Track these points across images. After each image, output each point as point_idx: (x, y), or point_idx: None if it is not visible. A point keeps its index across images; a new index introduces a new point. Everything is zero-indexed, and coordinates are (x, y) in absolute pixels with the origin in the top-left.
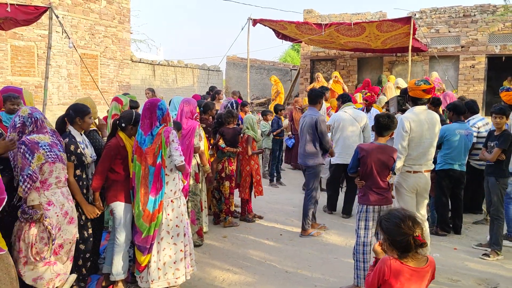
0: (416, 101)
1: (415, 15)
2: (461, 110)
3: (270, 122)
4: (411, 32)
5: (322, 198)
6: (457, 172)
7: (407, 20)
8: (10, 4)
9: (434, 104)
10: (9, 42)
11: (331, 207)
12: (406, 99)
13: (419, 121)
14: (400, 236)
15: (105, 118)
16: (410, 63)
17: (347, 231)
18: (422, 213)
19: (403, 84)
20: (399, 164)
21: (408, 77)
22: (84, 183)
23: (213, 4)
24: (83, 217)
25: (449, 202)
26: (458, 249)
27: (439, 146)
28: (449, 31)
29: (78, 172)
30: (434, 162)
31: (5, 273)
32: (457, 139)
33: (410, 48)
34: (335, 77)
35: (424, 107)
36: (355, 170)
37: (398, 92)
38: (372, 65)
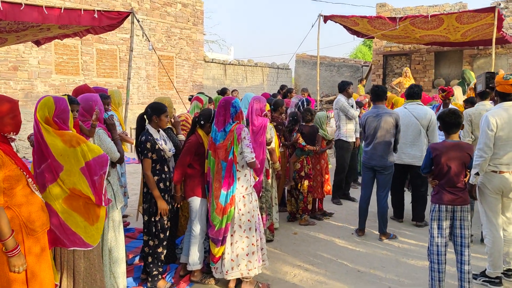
0: (504, 97)
1: (499, 4)
2: None
3: None
4: (495, 23)
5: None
6: None
7: (491, 10)
8: (97, 10)
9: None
10: (94, 46)
11: (398, 215)
12: (493, 87)
13: (508, 117)
14: None
15: None
16: (494, 56)
17: (423, 233)
18: (508, 216)
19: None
20: (484, 165)
21: (492, 71)
22: (167, 176)
23: (282, 1)
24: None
25: None
26: None
27: None
28: None
29: (158, 166)
30: None
31: (92, 264)
32: None
33: (494, 40)
34: (406, 72)
35: None
36: (428, 170)
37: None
38: (451, 59)
